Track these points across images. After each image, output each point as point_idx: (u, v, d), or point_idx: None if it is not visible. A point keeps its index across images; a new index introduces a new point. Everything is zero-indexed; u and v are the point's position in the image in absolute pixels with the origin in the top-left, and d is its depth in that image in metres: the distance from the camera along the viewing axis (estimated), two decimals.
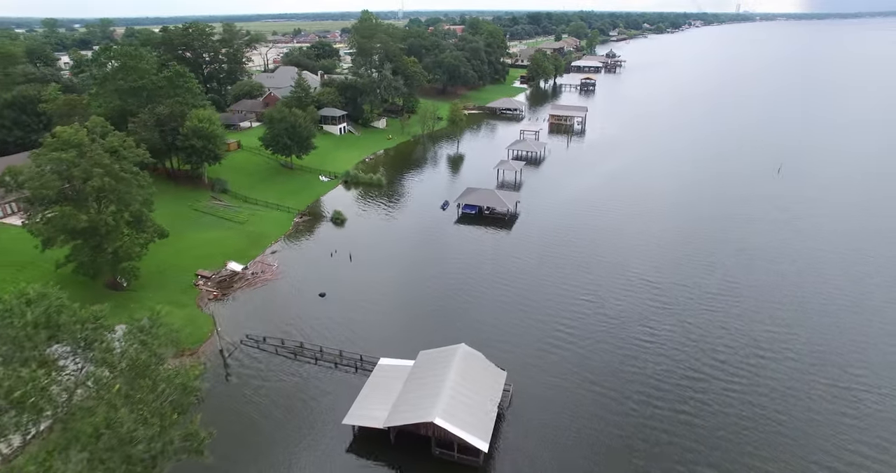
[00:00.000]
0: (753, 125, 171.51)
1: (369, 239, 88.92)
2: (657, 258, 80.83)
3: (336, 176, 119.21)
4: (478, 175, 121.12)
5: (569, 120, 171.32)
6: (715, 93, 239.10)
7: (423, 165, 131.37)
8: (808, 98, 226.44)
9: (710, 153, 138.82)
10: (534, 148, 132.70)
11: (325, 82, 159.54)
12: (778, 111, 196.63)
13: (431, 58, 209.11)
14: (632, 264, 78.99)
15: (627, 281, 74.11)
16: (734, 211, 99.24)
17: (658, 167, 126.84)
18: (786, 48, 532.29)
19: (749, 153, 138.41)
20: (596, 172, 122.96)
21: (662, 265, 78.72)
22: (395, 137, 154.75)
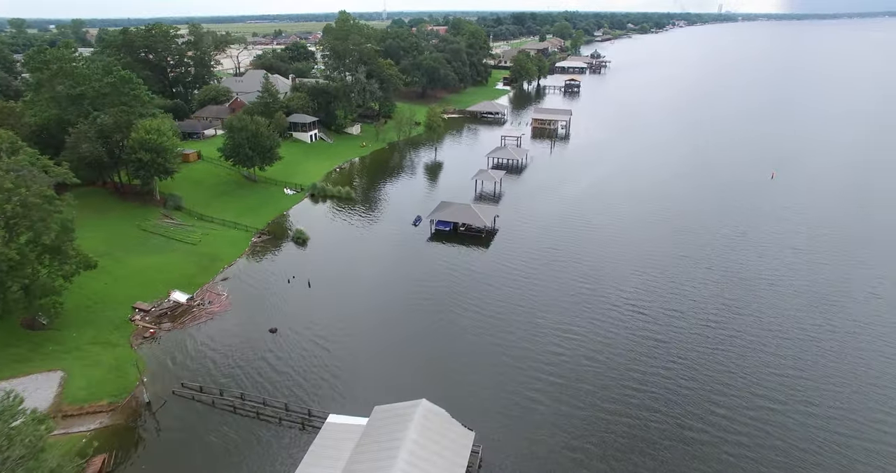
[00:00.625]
0: (741, 124, 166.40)
1: (332, 262, 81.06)
2: (645, 280, 74.04)
3: (302, 188, 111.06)
4: (455, 186, 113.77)
5: (552, 124, 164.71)
6: (700, 92, 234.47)
7: (396, 175, 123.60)
8: (796, 94, 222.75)
9: (698, 157, 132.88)
10: (515, 155, 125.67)
11: (295, 87, 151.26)
12: (765, 107, 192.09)
13: (410, 60, 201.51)
14: (618, 288, 72.09)
15: (613, 309, 67.13)
16: (727, 222, 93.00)
17: (644, 174, 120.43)
18: (771, 47, 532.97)
19: (740, 155, 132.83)
20: (580, 181, 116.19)
21: (651, 288, 71.92)
22: (369, 144, 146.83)
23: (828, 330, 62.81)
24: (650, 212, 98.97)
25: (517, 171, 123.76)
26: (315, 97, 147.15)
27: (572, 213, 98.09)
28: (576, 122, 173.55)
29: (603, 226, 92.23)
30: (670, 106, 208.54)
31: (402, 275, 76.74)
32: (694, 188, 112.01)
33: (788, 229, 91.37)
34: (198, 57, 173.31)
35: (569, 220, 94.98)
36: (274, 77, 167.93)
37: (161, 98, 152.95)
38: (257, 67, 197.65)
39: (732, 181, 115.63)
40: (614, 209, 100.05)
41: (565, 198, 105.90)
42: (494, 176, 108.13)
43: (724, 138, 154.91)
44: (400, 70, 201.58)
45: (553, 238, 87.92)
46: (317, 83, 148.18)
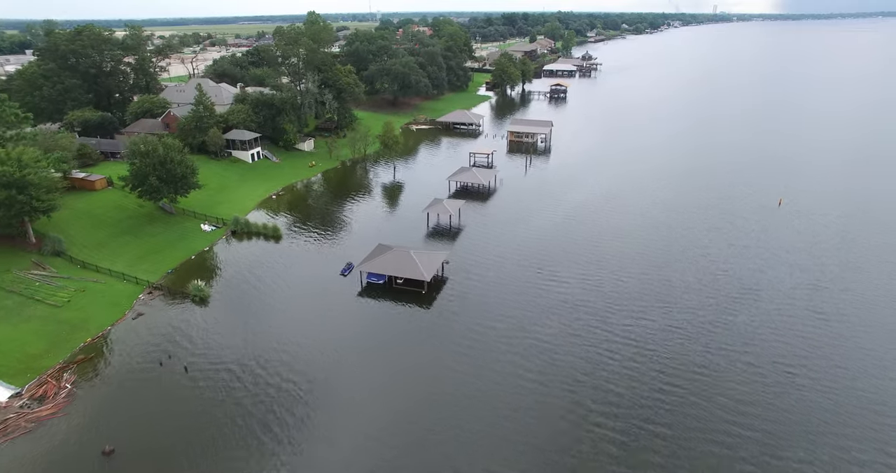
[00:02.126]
0: (740, 134, 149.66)
1: (230, 330, 63.66)
2: (622, 361, 56.96)
3: (224, 223, 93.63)
4: (406, 218, 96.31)
5: (531, 137, 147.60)
6: (695, 97, 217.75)
7: (340, 204, 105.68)
8: (799, 99, 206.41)
9: (694, 178, 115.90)
10: (482, 178, 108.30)
11: (238, 97, 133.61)
12: (766, 117, 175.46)
13: (378, 65, 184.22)
14: (592, 373, 55.05)
15: (579, 412, 50.07)
16: (728, 267, 76.04)
17: (631, 201, 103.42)
18: (768, 48, 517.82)
19: (740, 173, 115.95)
20: (555, 212, 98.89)
21: (631, 370, 54.89)
22: (319, 163, 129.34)
23: None
24: (635, 256, 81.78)
25: (483, 197, 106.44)
26: (259, 110, 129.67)
27: (542, 258, 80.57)
28: (558, 134, 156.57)
29: (577, 279, 74.85)
30: (663, 113, 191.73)
31: (313, 350, 59.23)
32: (689, 220, 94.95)
33: (807, 291, 74.38)
34: (137, 63, 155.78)
35: (536, 269, 77.62)
36: (220, 86, 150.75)
37: (90, 111, 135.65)
38: (211, 74, 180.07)
39: (734, 210, 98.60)
40: (592, 252, 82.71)
41: (535, 236, 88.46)
42: (451, 207, 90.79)
43: (722, 152, 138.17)
44: (367, 76, 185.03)
45: (514, 294, 70.57)
46: (260, 94, 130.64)
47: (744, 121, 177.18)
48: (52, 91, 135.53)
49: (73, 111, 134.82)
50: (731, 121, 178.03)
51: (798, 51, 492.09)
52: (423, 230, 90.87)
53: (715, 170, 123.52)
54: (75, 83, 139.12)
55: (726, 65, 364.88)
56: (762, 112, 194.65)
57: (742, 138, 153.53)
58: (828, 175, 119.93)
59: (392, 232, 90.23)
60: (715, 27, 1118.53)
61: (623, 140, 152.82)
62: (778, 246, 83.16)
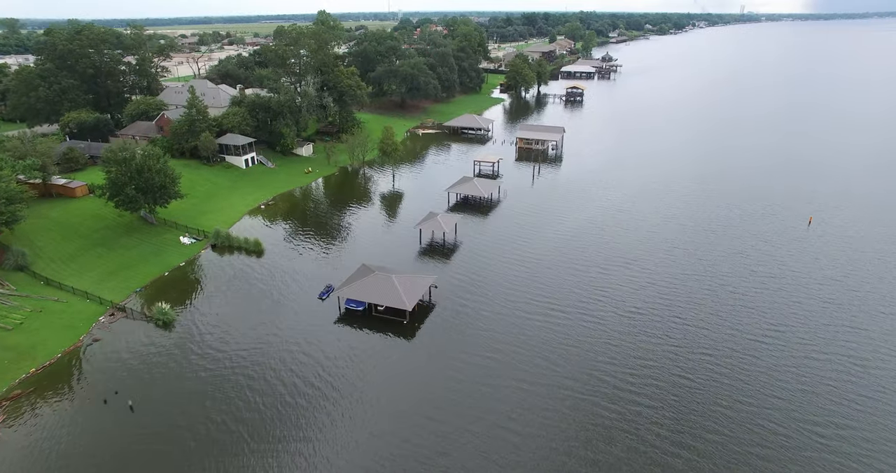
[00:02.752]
0: (763, 142, 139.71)
1: (188, 363, 57.77)
2: (618, 421, 49.46)
3: (206, 235, 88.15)
4: (398, 233, 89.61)
5: (541, 144, 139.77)
6: (718, 102, 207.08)
7: (331, 215, 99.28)
8: (830, 102, 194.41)
9: (715, 197, 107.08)
10: (483, 190, 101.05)
11: (234, 100, 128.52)
12: (791, 120, 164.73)
13: (386, 66, 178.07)
14: (599, 419, 47.74)
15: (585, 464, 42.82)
16: (751, 300, 67.69)
17: (645, 218, 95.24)
18: (798, 49, 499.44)
19: (763, 185, 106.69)
20: (559, 228, 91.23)
21: (630, 434, 47.36)
22: (316, 170, 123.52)
23: None
24: (644, 285, 73.91)
25: (483, 211, 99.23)
26: (255, 113, 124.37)
27: (540, 285, 73.17)
28: (571, 140, 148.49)
29: (577, 312, 67.32)
30: (682, 118, 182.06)
31: (281, 385, 52.96)
32: (707, 242, 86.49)
33: (843, 333, 65.71)
34: (137, 63, 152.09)
35: (532, 299, 70.31)
36: (219, 88, 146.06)
37: (87, 112, 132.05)
38: (215, 75, 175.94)
39: (758, 231, 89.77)
40: (596, 280, 74.97)
41: (535, 258, 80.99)
42: (446, 222, 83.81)
43: (744, 158, 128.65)
44: (374, 77, 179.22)
45: (504, 328, 63.50)
46: (256, 97, 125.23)
47: (767, 125, 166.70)
48: (48, 91, 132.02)
49: (70, 112, 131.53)
50: (754, 124, 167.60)
51: (829, 51, 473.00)
52: (414, 247, 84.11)
53: (737, 180, 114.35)
54: (73, 83, 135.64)
55: (752, 66, 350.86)
56: (787, 116, 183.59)
57: (765, 143, 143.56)
58: (858, 183, 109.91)
59: (381, 249, 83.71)
60: (742, 28, 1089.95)
61: (638, 146, 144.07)
62: (808, 276, 74.33)
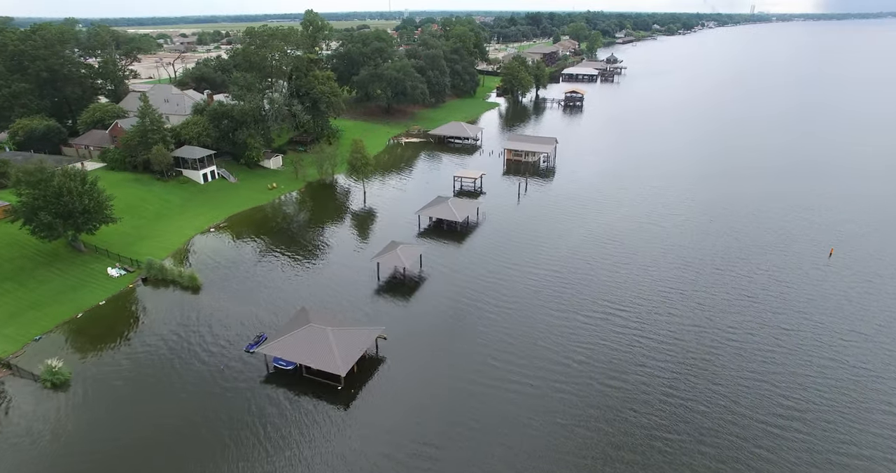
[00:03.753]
0: (782, 161, 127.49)
1: (74, 441, 47.15)
2: None
3: (139, 265, 77.63)
4: (351, 268, 77.82)
5: (530, 156, 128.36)
6: (731, 114, 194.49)
7: (283, 242, 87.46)
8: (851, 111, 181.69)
9: (722, 221, 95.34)
10: (459, 212, 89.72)
11: (196, 108, 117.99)
12: (818, 141, 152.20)
13: (370, 69, 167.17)
14: None
15: None
16: (762, 366, 56.16)
17: (638, 246, 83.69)
18: (815, 50, 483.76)
19: (773, 208, 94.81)
20: (541, 261, 79.71)
21: None
22: (282, 185, 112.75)
23: None
24: (632, 342, 62.52)
25: (457, 238, 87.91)
26: (218, 122, 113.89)
27: (508, 341, 61.91)
28: (565, 151, 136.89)
29: (548, 380, 56.07)
30: (687, 126, 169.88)
31: None
32: (710, 283, 74.90)
33: (879, 413, 53.98)
34: (101, 66, 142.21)
35: (496, 359, 59.17)
36: (184, 94, 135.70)
37: (40, 119, 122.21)
38: (188, 79, 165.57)
39: (770, 267, 77.99)
40: (575, 333, 63.64)
41: (506, 303, 69.38)
42: (406, 256, 72.63)
43: (755, 173, 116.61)
44: (358, 81, 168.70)
45: (458, 398, 52.34)
46: (218, 106, 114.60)
47: (782, 143, 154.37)
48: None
49: (22, 119, 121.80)
50: (766, 131, 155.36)
51: (845, 52, 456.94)
52: (371, 284, 73.06)
53: (745, 202, 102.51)
54: (25, 88, 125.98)
55: (762, 68, 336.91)
56: (801, 123, 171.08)
57: (776, 155, 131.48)
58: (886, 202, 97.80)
59: (333, 285, 72.72)
60: (753, 28, 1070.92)
61: (637, 159, 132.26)
62: (831, 330, 62.46)
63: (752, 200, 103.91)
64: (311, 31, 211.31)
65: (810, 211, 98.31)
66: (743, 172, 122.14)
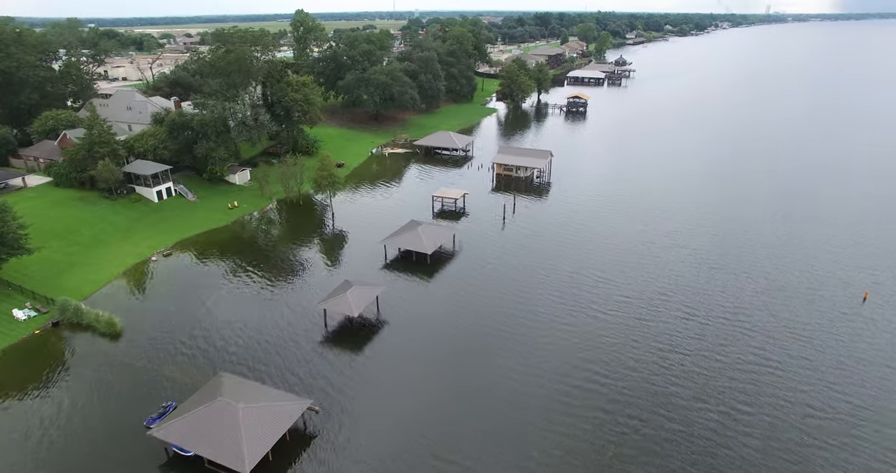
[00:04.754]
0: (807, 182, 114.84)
1: None
2: None
3: (54, 303, 67.39)
4: (295, 314, 66.17)
5: (522, 171, 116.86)
6: (745, 124, 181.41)
7: (228, 277, 75.81)
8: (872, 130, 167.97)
9: (728, 249, 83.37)
10: (431, 241, 78.57)
11: (155, 118, 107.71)
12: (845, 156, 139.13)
13: (357, 73, 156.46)
14: None
15: None
16: (796, 447, 44.68)
17: (636, 286, 72.12)
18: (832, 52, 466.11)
19: (796, 238, 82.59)
20: (523, 303, 68.34)
21: None
22: (244, 203, 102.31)
23: None
24: (632, 412, 51.13)
25: (427, 272, 76.66)
26: (177, 134, 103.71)
27: (474, 413, 50.99)
28: (562, 166, 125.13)
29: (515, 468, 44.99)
30: (703, 140, 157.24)
31: None
32: (722, 337, 63.22)
33: None
34: (64, 69, 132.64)
35: (461, 444, 48.10)
36: (148, 101, 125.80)
37: None
38: (161, 84, 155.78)
39: (792, 315, 66.07)
40: (559, 400, 52.47)
41: (481, 364, 58.73)
42: (357, 301, 61.51)
43: (772, 195, 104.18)
44: (344, 86, 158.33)
45: None
46: (178, 114, 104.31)
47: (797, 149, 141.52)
48: None
49: None
50: (784, 145, 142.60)
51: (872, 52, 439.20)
52: (313, 336, 62.08)
53: (761, 232, 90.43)
54: None
55: (777, 72, 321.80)
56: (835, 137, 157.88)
57: (794, 174, 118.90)
58: None
59: (269, 337, 61.86)
60: (768, 28, 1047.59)
61: (641, 175, 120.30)
62: (878, 414, 50.51)
63: (769, 208, 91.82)
64: (301, 32, 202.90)
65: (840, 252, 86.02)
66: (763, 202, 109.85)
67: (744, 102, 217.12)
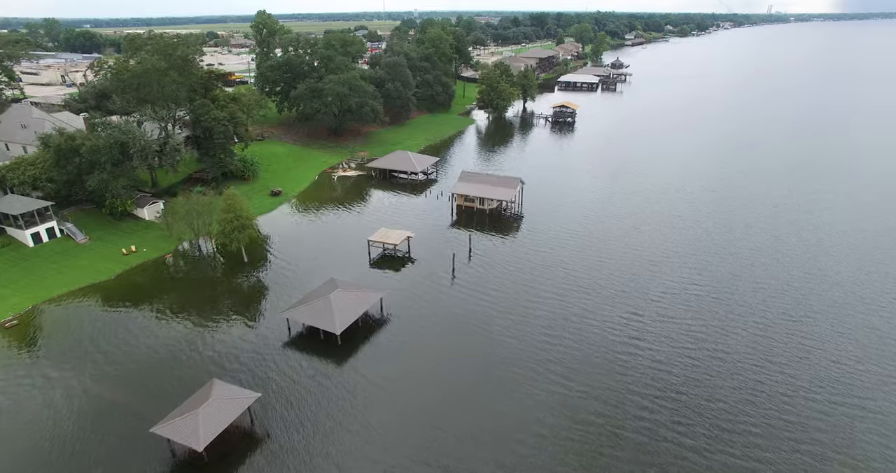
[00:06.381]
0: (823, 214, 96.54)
1: None
2: None
3: None
4: (123, 447, 49.32)
5: (487, 203, 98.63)
6: (748, 132, 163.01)
7: (83, 363, 59.23)
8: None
9: (726, 295, 65.25)
10: (347, 309, 60.46)
11: (43, 140, 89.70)
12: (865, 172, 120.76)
13: (311, 82, 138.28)
14: None
15: None
16: None
17: (612, 357, 54.17)
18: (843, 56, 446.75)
19: (821, 293, 64.51)
20: (457, 399, 50.65)
21: None
22: (145, 247, 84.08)
23: None
24: None
25: (336, 358, 58.65)
26: (66, 162, 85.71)
27: None
28: (536, 193, 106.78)
29: None
30: (704, 155, 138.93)
31: None
32: (716, 447, 45.20)
33: None
34: None
35: None
36: (47, 118, 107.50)
37: None
38: (87, 96, 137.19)
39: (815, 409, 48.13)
40: None
41: None
42: (209, 421, 43.54)
43: (793, 248, 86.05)
44: (295, 97, 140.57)
45: None
46: (68, 138, 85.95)
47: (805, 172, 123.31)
48: None
49: None
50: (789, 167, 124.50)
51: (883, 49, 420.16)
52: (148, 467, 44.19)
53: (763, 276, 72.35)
54: None
55: (781, 74, 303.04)
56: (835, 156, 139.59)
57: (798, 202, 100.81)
58: None
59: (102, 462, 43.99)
60: (770, 28, 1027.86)
61: (629, 205, 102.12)
62: None
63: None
64: (264, 35, 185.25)
65: None
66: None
67: (754, 113, 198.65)
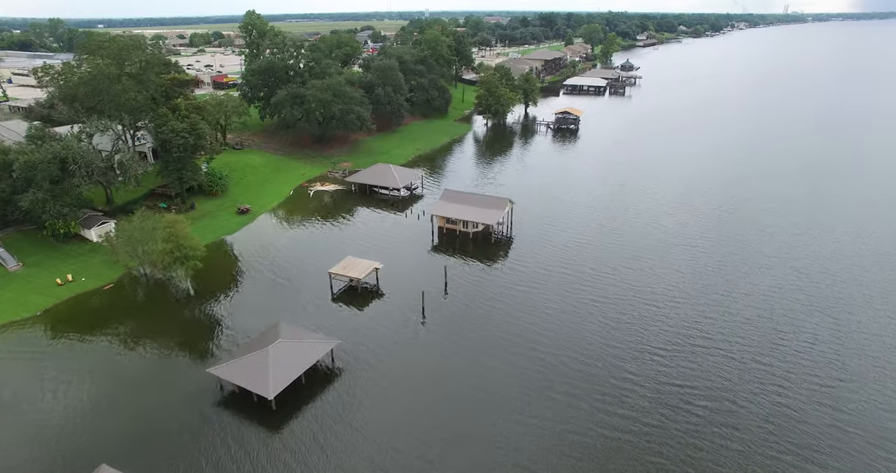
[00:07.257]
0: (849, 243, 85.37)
1: None
2: None
3: None
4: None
5: (473, 226, 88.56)
6: (761, 134, 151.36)
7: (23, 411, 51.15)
8: None
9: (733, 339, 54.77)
10: (286, 364, 50.78)
11: None
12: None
13: (292, 88, 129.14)
14: None
15: None
16: None
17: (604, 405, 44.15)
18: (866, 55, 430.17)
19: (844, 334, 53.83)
20: None
21: None
22: (86, 275, 75.10)
23: None
24: None
25: (270, 426, 49.10)
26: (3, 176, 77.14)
27: None
28: (529, 212, 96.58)
29: None
30: (715, 174, 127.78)
31: None
32: None
33: None
34: None
35: None
36: (7, 124, 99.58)
37: None
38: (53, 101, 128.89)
39: None
40: None
41: None
42: None
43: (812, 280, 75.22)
44: (275, 104, 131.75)
45: None
46: (4, 150, 77.58)
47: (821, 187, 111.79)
48: None
49: None
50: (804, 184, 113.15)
51: None
52: None
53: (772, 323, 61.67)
54: None
55: (800, 76, 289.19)
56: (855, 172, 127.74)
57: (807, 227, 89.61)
58: None
59: None
60: (787, 29, 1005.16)
61: (633, 226, 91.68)
62: None
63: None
64: (253, 36, 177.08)
65: None
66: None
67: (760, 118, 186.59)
